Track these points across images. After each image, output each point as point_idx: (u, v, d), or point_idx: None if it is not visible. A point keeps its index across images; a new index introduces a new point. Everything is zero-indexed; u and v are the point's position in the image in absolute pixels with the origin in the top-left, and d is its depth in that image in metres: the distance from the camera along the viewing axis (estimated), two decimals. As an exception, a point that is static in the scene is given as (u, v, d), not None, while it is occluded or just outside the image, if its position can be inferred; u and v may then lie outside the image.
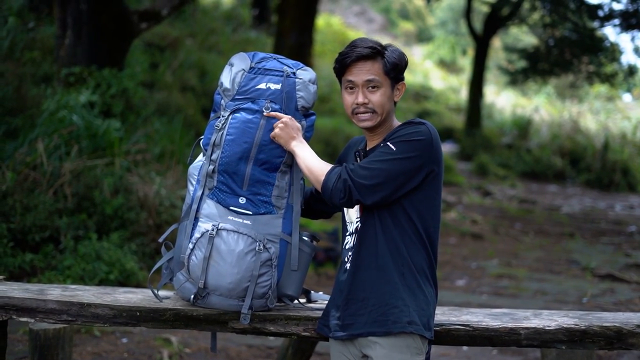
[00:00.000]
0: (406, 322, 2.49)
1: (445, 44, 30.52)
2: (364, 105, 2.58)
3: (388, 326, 2.50)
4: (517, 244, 9.71)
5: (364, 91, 2.58)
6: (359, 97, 2.58)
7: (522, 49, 18.00)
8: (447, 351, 5.32)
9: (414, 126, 2.53)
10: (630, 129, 18.32)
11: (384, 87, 2.58)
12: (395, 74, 2.61)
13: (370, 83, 2.57)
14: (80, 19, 7.72)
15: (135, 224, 6.30)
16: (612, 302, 6.76)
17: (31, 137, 6.41)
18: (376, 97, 2.58)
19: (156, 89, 10.48)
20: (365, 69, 2.57)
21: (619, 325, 2.77)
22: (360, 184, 2.48)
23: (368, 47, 2.57)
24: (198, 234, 2.64)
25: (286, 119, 2.63)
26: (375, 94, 2.58)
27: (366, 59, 2.57)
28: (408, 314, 2.49)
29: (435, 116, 19.92)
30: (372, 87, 2.58)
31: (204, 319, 2.78)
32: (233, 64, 2.72)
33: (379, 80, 2.57)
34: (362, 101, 2.57)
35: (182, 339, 5.20)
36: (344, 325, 2.58)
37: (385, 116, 2.61)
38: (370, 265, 2.55)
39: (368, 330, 2.53)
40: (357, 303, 2.55)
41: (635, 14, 13.63)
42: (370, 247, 2.56)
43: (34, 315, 2.83)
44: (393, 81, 2.61)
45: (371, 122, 2.59)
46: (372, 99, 2.57)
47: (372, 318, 2.52)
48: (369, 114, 2.59)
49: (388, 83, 2.59)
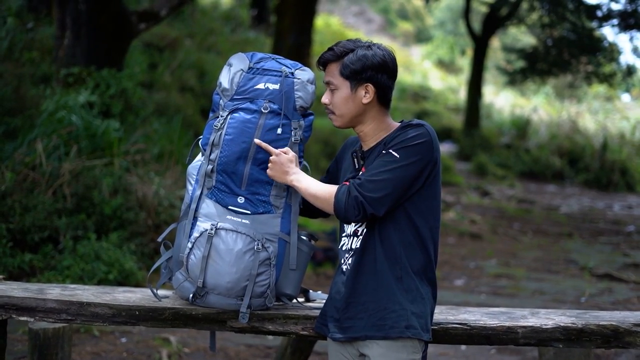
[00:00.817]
0: (404, 327, 2.50)
1: (444, 44, 30.54)
2: (327, 106, 2.65)
3: (386, 331, 2.50)
4: (516, 244, 9.72)
5: (328, 92, 2.64)
6: (323, 97, 2.65)
7: (520, 49, 18.02)
8: (445, 350, 5.34)
9: (413, 129, 2.53)
10: (629, 129, 18.34)
11: (341, 89, 2.60)
12: (355, 76, 2.58)
13: (328, 85, 2.63)
14: (79, 20, 7.73)
15: (134, 224, 6.31)
16: (610, 301, 6.78)
17: (30, 138, 6.41)
18: (334, 99, 2.62)
19: (155, 90, 10.48)
20: (328, 70, 2.63)
21: (616, 323, 2.78)
22: (371, 198, 2.48)
23: (329, 50, 2.63)
24: (197, 233, 2.65)
25: (273, 158, 2.62)
26: (334, 96, 2.62)
27: (329, 62, 2.63)
28: (406, 318, 2.50)
29: (434, 116, 19.94)
30: (330, 89, 2.63)
31: (203, 318, 2.79)
32: (232, 64, 2.73)
33: (334, 83, 2.61)
34: (324, 101, 2.64)
35: (181, 338, 5.21)
36: (342, 328, 2.59)
37: (351, 118, 2.62)
38: (369, 270, 2.55)
39: (366, 334, 2.54)
40: (357, 307, 2.56)
41: (633, 14, 13.65)
42: (370, 252, 2.56)
43: (34, 315, 2.84)
44: (353, 83, 2.59)
45: (335, 122, 2.66)
46: (332, 100, 2.63)
47: (371, 322, 2.53)
48: (332, 115, 2.65)
49: (347, 85, 2.59)
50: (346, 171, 2.72)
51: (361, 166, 2.64)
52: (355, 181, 2.53)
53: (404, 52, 27.97)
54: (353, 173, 2.66)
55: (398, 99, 20.67)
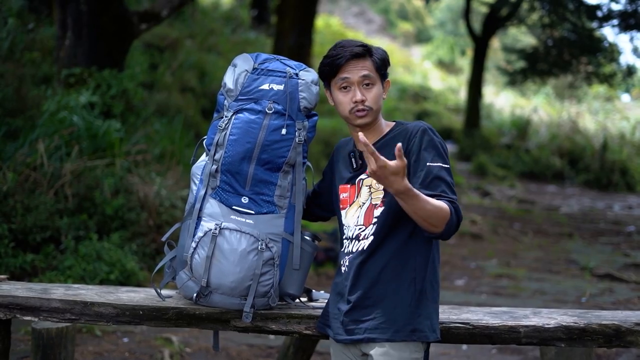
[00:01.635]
0: (410, 331, 2.50)
1: (444, 44, 30.57)
2: (362, 103, 2.57)
3: (391, 334, 2.51)
4: (516, 244, 9.73)
5: (360, 89, 2.58)
6: (357, 95, 2.56)
7: (520, 49, 18.03)
8: (446, 350, 5.35)
9: (433, 133, 2.57)
10: (629, 129, 18.35)
11: (377, 83, 2.60)
12: (384, 71, 2.63)
13: (366, 79, 2.57)
14: (81, 20, 7.74)
15: (135, 225, 6.32)
16: (611, 301, 6.78)
17: (31, 138, 6.43)
18: (372, 94, 2.58)
19: (156, 90, 10.50)
20: (359, 66, 2.58)
21: (618, 323, 2.79)
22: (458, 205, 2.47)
23: (359, 45, 2.59)
24: (201, 233, 2.66)
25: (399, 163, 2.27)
26: (370, 91, 2.59)
27: (359, 57, 2.58)
28: (412, 321, 2.51)
29: (434, 116, 19.95)
30: (366, 84, 2.58)
31: (206, 318, 2.80)
32: (236, 64, 2.74)
33: (373, 77, 2.59)
34: (361, 98, 2.56)
35: (183, 338, 5.22)
36: (347, 330, 2.59)
37: (378, 114, 2.63)
38: (374, 274, 2.55)
39: (369, 336, 2.54)
40: (362, 310, 2.56)
41: (633, 15, 13.66)
42: (378, 255, 2.55)
43: (38, 314, 2.85)
44: (382, 79, 2.63)
45: (368, 119, 2.59)
46: (368, 96, 2.58)
47: (375, 325, 2.53)
48: (366, 111, 2.58)
49: (379, 80, 2.62)
50: (341, 172, 2.72)
51: (360, 165, 2.64)
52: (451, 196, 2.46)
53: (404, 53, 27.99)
54: (352, 173, 2.66)
55: (398, 99, 20.70)
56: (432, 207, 2.36)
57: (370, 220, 2.58)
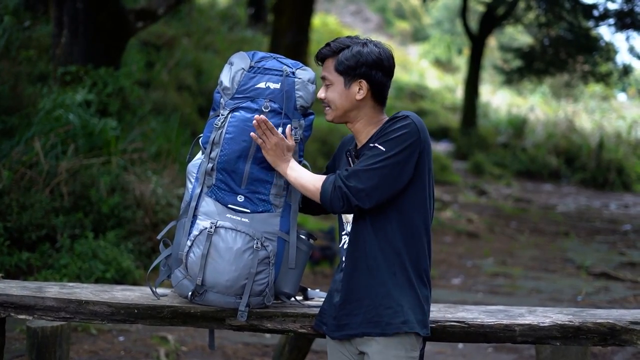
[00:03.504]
0: (400, 322, 2.51)
1: (441, 43, 30.55)
2: (322, 101, 2.66)
3: (382, 327, 2.51)
4: (513, 243, 9.74)
5: (324, 88, 2.66)
6: (319, 92, 2.67)
7: (517, 48, 18.02)
8: (442, 349, 5.35)
9: (398, 121, 2.54)
10: (625, 128, 18.38)
11: (336, 84, 2.62)
12: (349, 72, 2.60)
13: (324, 80, 2.65)
14: (77, 18, 7.72)
15: (131, 223, 6.31)
16: (607, 300, 6.79)
17: (27, 136, 6.41)
18: (330, 94, 2.64)
19: (152, 88, 10.48)
20: (325, 66, 2.66)
21: (613, 321, 2.79)
22: (356, 189, 2.49)
23: (326, 46, 2.65)
24: (196, 232, 2.66)
25: (275, 140, 2.62)
26: (329, 91, 2.64)
27: (328, 57, 2.64)
28: (402, 313, 2.51)
29: (431, 115, 19.95)
30: (326, 84, 2.65)
31: (202, 316, 2.80)
32: (233, 62, 2.74)
33: (329, 78, 2.63)
34: (319, 96, 2.67)
35: (178, 337, 5.21)
36: (339, 325, 2.60)
37: (344, 113, 2.63)
38: (362, 266, 2.56)
39: (363, 330, 2.55)
40: (352, 303, 2.57)
41: (630, 14, 13.67)
42: (361, 248, 2.57)
43: (32, 313, 2.85)
44: (347, 79, 2.61)
45: (329, 116, 2.66)
46: (327, 95, 2.64)
47: (367, 319, 2.54)
48: (327, 109, 2.66)
49: (341, 80, 2.61)
50: (342, 169, 2.72)
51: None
52: (342, 172, 2.55)
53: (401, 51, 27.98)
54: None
55: (395, 98, 20.69)
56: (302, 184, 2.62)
57: None
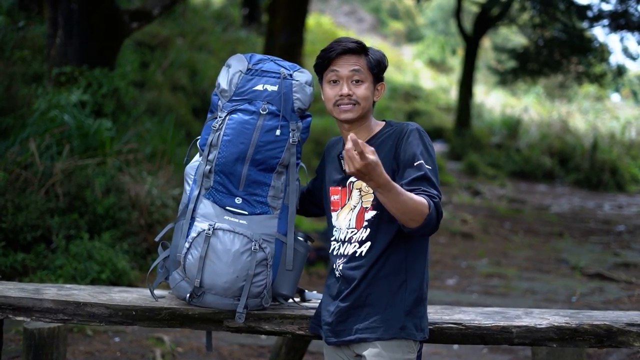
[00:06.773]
0: (398, 329, 2.52)
1: (435, 43, 30.60)
2: (348, 97, 2.57)
3: (380, 333, 2.52)
4: (507, 243, 9.76)
5: (349, 84, 2.58)
6: (343, 89, 2.57)
7: (511, 49, 18.08)
8: (438, 350, 5.36)
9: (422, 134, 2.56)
10: (619, 128, 18.45)
11: (367, 82, 2.60)
12: (377, 72, 2.62)
13: (355, 74, 2.58)
14: (71, 19, 7.70)
15: (126, 224, 6.30)
16: (601, 301, 6.81)
17: (22, 137, 6.39)
18: (360, 90, 2.58)
19: (147, 89, 10.47)
20: (351, 61, 2.58)
21: (609, 323, 2.80)
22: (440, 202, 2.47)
23: (354, 42, 2.60)
24: (194, 234, 2.66)
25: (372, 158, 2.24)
26: (359, 88, 2.59)
27: (352, 53, 2.59)
28: (400, 320, 2.52)
29: (425, 116, 19.98)
30: (356, 80, 2.58)
31: (199, 318, 2.80)
32: (230, 65, 2.74)
33: (363, 73, 2.59)
34: (347, 92, 2.57)
35: (174, 338, 5.21)
36: (336, 332, 2.60)
37: (366, 112, 2.62)
38: (366, 276, 2.55)
39: (359, 336, 2.55)
40: (352, 310, 2.57)
41: (624, 15, 13.73)
42: (368, 259, 2.55)
43: (30, 315, 2.84)
44: (375, 79, 2.63)
45: (352, 113, 2.58)
46: (356, 91, 2.58)
47: (364, 325, 2.54)
48: (351, 106, 2.58)
49: (370, 79, 2.61)
50: (331, 173, 2.72)
51: None
52: (431, 191, 2.44)
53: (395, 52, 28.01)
54: (342, 175, 2.65)
55: (389, 98, 20.71)
56: (410, 200, 2.35)
57: (362, 224, 2.58)
